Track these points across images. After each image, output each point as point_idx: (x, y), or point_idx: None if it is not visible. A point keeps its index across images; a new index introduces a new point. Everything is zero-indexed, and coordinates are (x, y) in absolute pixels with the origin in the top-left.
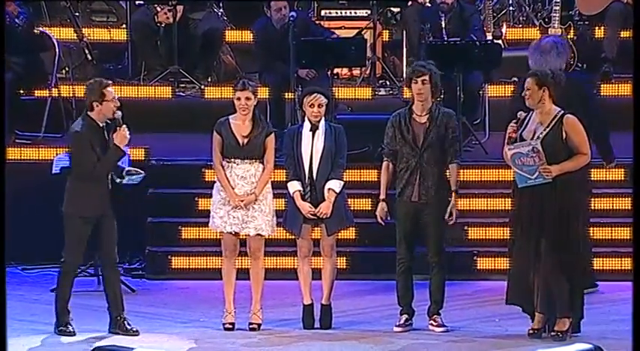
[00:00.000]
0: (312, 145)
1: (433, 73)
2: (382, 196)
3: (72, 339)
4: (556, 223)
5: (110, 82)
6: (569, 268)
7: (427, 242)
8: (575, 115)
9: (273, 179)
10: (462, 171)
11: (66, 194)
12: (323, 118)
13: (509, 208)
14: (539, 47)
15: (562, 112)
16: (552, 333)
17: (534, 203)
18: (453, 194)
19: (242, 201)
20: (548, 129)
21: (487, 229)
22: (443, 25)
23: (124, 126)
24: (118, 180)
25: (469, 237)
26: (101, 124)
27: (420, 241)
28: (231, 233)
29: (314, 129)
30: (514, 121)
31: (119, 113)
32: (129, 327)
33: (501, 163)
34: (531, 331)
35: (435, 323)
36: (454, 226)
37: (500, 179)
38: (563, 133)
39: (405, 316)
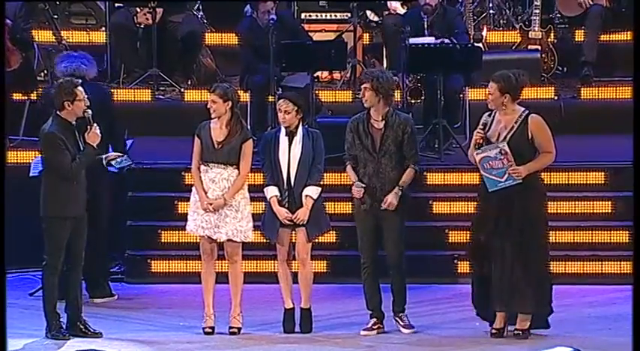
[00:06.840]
0: (290, 151)
1: (375, 80)
2: (355, 180)
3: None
4: (523, 226)
5: (80, 81)
6: (533, 268)
7: (386, 246)
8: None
9: (253, 183)
10: (443, 174)
11: (43, 197)
12: (300, 124)
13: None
14: None
15: (527, 112)
16: (514, 331)
17: (501, 207)
18: (396, 187)
19: (210, 204)
20: (513, 130)
21: (468, 232)
22: (425, 27)
23: (95, 124)
24: (112, 168)
25: (450, 240)
26: (72, 123)
27: (381, 245)
28: (207, 237)
29: (291, 134)
30: (480, 126)
31: (89, 112)
32: (92, 330)
33: None
34: (494, 331)
35: (402, 323)
36: (435, 230)
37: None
38: (529, 133)
39: (373, 320)
